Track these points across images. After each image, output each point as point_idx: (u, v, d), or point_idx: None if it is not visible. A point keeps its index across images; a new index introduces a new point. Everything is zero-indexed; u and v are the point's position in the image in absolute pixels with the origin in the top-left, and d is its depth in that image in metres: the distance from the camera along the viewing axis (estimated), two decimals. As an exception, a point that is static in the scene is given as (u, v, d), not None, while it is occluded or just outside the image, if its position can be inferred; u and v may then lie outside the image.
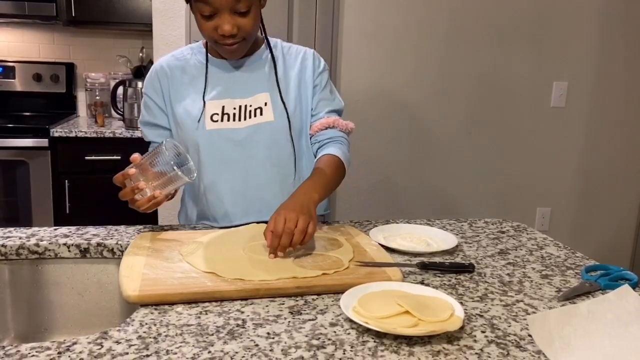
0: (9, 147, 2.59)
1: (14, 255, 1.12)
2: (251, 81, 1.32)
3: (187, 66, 1.34)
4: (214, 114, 1.29)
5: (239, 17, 1.19)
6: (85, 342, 0.76)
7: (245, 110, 1.30)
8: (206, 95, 1.30)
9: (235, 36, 1.21)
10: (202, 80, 1.31)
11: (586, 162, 2.96)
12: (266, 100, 1.31)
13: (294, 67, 1.36)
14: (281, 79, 1.33)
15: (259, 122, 1.30)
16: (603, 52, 2.84)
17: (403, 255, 1.16)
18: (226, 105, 1.30)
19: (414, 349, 0.78)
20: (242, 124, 1.29)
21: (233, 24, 1.18)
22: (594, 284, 1.02)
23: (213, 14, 1.18)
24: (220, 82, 1.32)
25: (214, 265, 0.99)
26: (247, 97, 1.31)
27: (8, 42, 3.09)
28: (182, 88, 1.32)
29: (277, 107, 1.31)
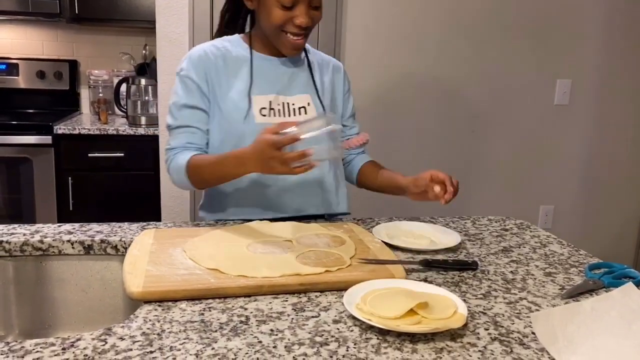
0: (12, 144, 2.59)
1: (18, 251, 1.12)
2: (293, 81, 1.36)
3: (229, 57, 1.33)
4: (262, 108, 1.31)
5: (313, 10, 1.26)
6: (89, 339, 0.77)
7: (289, 108, 1.34)
8: (251, 90, 1.31)
9: (307, 29, 1.27)
10: (247, 73, 1.32)
11: (590, 160, 2.96)
12: (308, 101, 1.37)
13: (326, 75, 1.43)
14: (317, 81, 1.40)
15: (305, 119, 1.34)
16: (607, 49, 2.83)
17: (406, 252, 1.16)
18: (272, 101, 1.32)
19: (417, 346, 0.78)
20: (289, 119, 1.33)
21: (310, 16, 1.24)
22: (597, 282, 1.01)
23: (293, 5, 1.22)
24: (264, 77, 1.33)
25: (218, 262, 0.99)
26: (289, 96, 1.35)
27: (11, 39, 3.10)
28: (226, 78, 1.32)
29: (318, 107, 1.38)
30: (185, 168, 1.25)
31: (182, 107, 1.31)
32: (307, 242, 1.14)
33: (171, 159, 1.30)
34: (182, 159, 1.26)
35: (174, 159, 1.29)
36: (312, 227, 1.24)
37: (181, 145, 1.30)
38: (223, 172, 1.21)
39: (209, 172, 1.24)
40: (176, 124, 1.32)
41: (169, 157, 1.31)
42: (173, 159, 1.29)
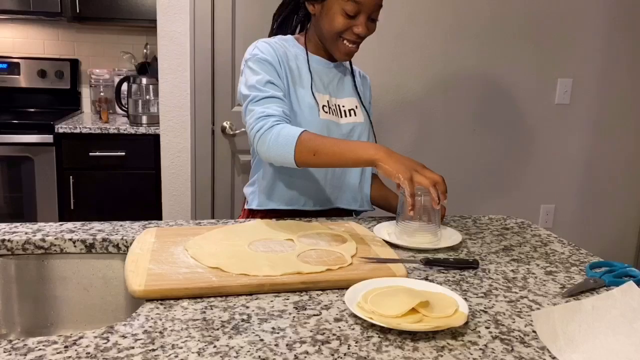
0: (13, 143, 2.60)
1: (20, 250, 1.13)
2: (341, 84, 1.45)
3: (289, 54, 1.38)
4: (323, 105, 1.37)
5: (371, 22, 1.33)
6: (91, 337, 0.77)
7: (341, 110, 1.42)
8: (312, 87, 1.36)
9: (363, 38, 1.34)
10: (306, 71, 1.38)
11: (590, 159, 2.96)
12: (356, 104, 1.46)
13: (359, 80, 1.52)
14: (358, 87, 1.49)
15: (355, 121, 1.43)
16: (608, 48, 2.83)
17: (407, 251, 1.16)
18: (329, 101, 1.39)
19: (419, 344, 0.78)
20: (342, 120, 1.41)
21: (367, 27, 1.32)
22: (598, 281, 1.02)
23: (355, 15, 1.29)
24: (319, 78, 1.40)
25: (219, 260, 1.00)
26: (340, 98, 1.43)
27: (13, 38, 3.10)
28: (289, 73, 1.35)
29: (363, 110, 1.47)
30: (297, 140, 1.18)
31: (266, 82, 1.29)
32: (308, 240, 1.14)
33: (270, 125, 1.22)
34: (293, 130, 1.20)
35: (276, 127, 1.21)
36: (314, 226, 1.24)
37: (279, 113, 1.25)
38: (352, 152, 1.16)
39: (330, 148, 1.17)
40: (265, 95, 1.27)
41: (266, 124, 1.22)
42: (274, 126, 1.22)
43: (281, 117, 1.25)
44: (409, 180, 1.08)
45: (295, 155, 1.18)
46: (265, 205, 1.42)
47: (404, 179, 1.09)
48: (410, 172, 1.10)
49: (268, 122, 1.22)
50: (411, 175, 1.09)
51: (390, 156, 1.13)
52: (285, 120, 1.25)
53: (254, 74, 1.30)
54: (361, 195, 1.48)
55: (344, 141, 1.22)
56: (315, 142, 1.18)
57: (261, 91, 1.27)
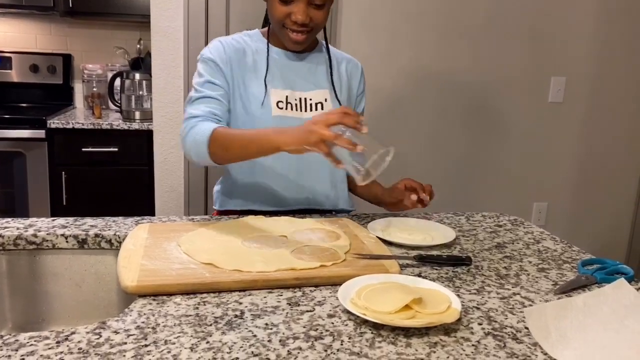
0: (5, 138, 2.58)
1: (12, 245, 1.12)
2: (311, 76, 1.37)
3: (248, 50, 1.35)
4: (279, 101, 1.32)
5: (314, 8, 1.25)
6: (83, 332, 0.77)
7: (306, 103, 1.35)
8: (268, 82, 1.32)
9: (306, 26, 1.26)
10: (264, 67, 1.33)
11: (583, 157, 2.97)
12: (326, 97, 1.37)
13: (344, 72, 1.44)
14: (335, 78, 1.40)
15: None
16: (601, 47, 2.84)
17: (401, 248, 1.17)
18: (289, 96, 1.33)
19: (411, 340, 0.78)
20: (306, 114, 1.34)
21: (307, 14, 1.24)
22: (590, 278, 1.02)
23: (290, 1, 1.23)
24: (281, 72, 1.34)
25: (212, 256, 0.99)
26: (307, 91, 1.36)
27: (5, 32, 3.08)
28: (246, 71, 1.33)
29: (335, 104, 1.38)
30: (209, 137, 1.16)
31: (205, 82, 1.29)
32: (301, 237, 1.14)
33: (191, 126, 1.22)
34: (207, 127, 1.19)
35: (195, 127, 1.21)
36: (307, 222, 1.24)
37: (204, 113, 1.24)
38: (255, 141, 1.12)
39: (238, 140, 1.16)
40: (198, 96, 1.28)
41: (189, 125, 1.23)
42: (194, 126, 1.21)
43: (205, 116, 1.23)
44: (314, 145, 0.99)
45: (210, 152, 1.17)
46: (225, 206, 1.41)
47: (311, 147, 1.00)
48: (310, 135, 1.00)
49: (190, 123, 1.23)
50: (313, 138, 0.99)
51: (287, 136, 1.05)
52: (210, 120, 1.23)
53: (197, 75, 1.31)
54: (335, 194, 1.43)
55: (252, 132, 1.16)
56: (226, 137, 1.16)
57: (197, 92, 1.28)
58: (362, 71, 1.50)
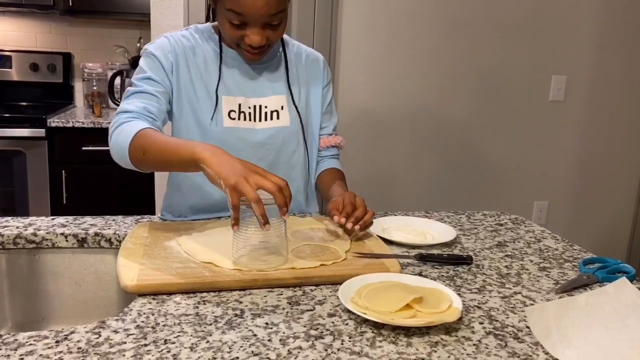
0: (5, 137, 2.58)
1: (11, 244, 1.11)
2: (267, 81, 1.29)
3: (199, 50, 1.25)
4: (231, 110, 1.24)
5: (270, 29, 1.15)
6: (83, 332, 0.76)
7: (261, 112, 1.27)
8: (219, 89, 1.24)
9: (263, 47, 1.18)
10: (215, 71, 1.24)
11: (584, 156, 2.97)
12: (282, 104, 1.29)
13: (302, 70, 1.35)
14: (292, 80, 1.31)
15: (276, 125, 1.28)
16: (602, 45, 2.84)
17: (401, 247, 1.16)
18: (242, 104, 1.25)
19: (412, 339, 0.78)
20: (259, 125, 1.26)
21: (263, 36, 1.15)
22: (591, 277, 1.02)
23: (243, 24, 1.13)
24: (234, 76, 1.26)
25: (212, 255, 0.99)
26: (262, 97, 1.27)
27: (5, 31, 3.07)
28: (194, 72, 1.24)
29: (292, 110, 1.30)
30: (135, 135, 1.07)
31: (144, 78, 1.20)
32: (302, 236, 1.14)
33: (121, 122, 1.12)
34: (137, 125, 1.09)
35: (125, 124, 1.11)
36: (307, 221, 1.24)
37: (137, 109, 1.14)
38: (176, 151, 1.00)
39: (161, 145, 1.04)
40: (135, 90, 1.19)
41: (119, 120, 1.13)
42: (124, 122, 1.11)
43: (138, 113, 1.14)
44: (231, 188, 0.89)
45: (130, 152, 1.08)
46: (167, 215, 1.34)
47: (226, 186, 0.90)
48: (236, 177, 0.90)
49: (122, 117, 1.13)
50: (236, 182, 0.89)
51: (215, 156, 0.94)
52: (142, 118, 1.14)
53: (138, 69, 1.23)
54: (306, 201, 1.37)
55: (175, 140, 1.06)
56: (148, 140, 1.05)
57: (135, 86, 1.19)
58: (323, 63, 1.39)
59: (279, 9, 1.11)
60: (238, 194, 0.90)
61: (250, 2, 1.08)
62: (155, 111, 1.18)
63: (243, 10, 1.09)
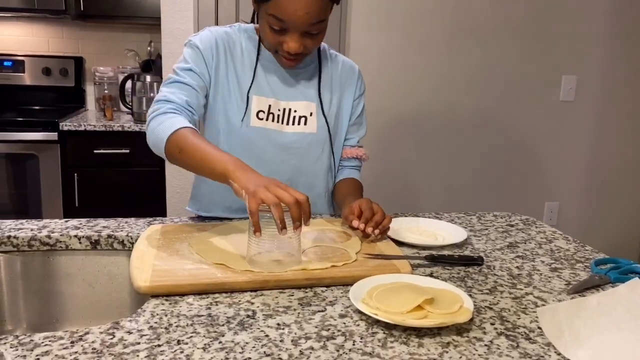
0: (18, 140, 2.61)
1: (26, 246, 1.13)
2: (299, 86, 1.30)
3: (238, 49, 1.27)
4: (260, 111, 1.26)
5: (308, 37, 1.16)
6: (97, 332, 0.77)
7: (290, 115, 1.28)
8: (251, 89, 1.26)
9: (300, 54, 1.19)
10: (250, 72, 1.26)
11: (595, 156, 2.95)
12: (312, 110, 1.30)
13: (338, 78, 1.36)
14: (324, 88, 1.32)
15: (303, 131, 1.29)
16: (612, 45, 2.82)
17: (412, 248, 1.16)
18: (272, 105, 1.27)
19: (424, 340, 0.78)
20: (286, 128, 1.28)
21: (301, 43, 1.16)
22: (603, 277, 1.01)
23: (283, 30, 1.14)
24: (268, 78, 1.28)
25: (224, 256, 1.00)
26: (292, 101, 1.29)
27: (17, 36, 3.11)
28: (230, 70, 1.26)
29: (320, 118, 1.31)
30: (175, 132, 1.09)
31: (188, 69, 1.23)
32: (312, 237, 1.14)
33: (163, 112, 1.15)
34: (179, 121, 1.12)
35: (166, 115, 1.14)
36: (318, 223, 1.24)
37: (180, 102, 1.18)
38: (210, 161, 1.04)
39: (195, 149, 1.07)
40: (179, 79, 1.22)
41: (160, 109, 1.15)
42: (166, 113, 1.14)
43: (181, 107, 1.17)
44: (251, 195, 0.93)
45: (166, 147, 1.10)
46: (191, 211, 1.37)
47: (246, 193, 0.95)
48: (257, 186, 0.94)
49: (164, 107, 1.16)
50: (256, 189, 0.94)
51: (245, 173, 0.99)
52: (185, 112, 1.17)
53: (182, 59, 1.25)
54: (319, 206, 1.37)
55: (210, 149, 1.06)
56: (186, 141, 1.08)
57: (178, 75, 1.22)
58: (358, 73, 1.40)
59: (319, 18, 1.13)
60: (257, 200, 0.93)
61: (292, 10, 1.09)
62: (195, 105, 1.21)
63: (284, 17, 1.11)
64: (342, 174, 1.42)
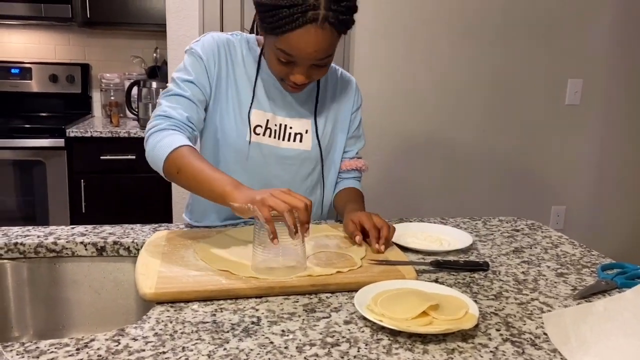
0: (26, 147, 2.62)
1: (33, 253, 1.14)
2: (296, 103, 1.29)
3: (239, 61, 1.26)
4: (257, 125, 1.25)
5: (316, 68, 1.15)
6: (102, 339, 0.77)
7: (285, 132, 1.28)
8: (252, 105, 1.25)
9: (306, 84, 1.19)
10: (249, 86, 1.25)
11: (601, 159, 2.94)
12: (307, 128, 1.30)
13: (334, 97, 1.35)
14: (320, 108, 1.32)
15: (298, 148, 1.29)
16: (618, 48, 2.81)
17: (417, 254, 1.16)
18: (270, 120, 1.26)
19: (429, 346, 0.78)
20: (282, 144, 1.28)
21: (307, 75, 1.15)
22: (610, 283, 1.01)
23: (290, 63, 1.13)
24: (267, 92, 1.27)
25: (229, 263, 1.00)
26: (288, 118, 1.28)
27: (25, 43, 3.13)
28: (230, 83, 1.25)
29: (314, 137, 1.30)
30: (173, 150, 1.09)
31: (188, 81, 1.21)
32: (317, 243, 1.14)
33: (161, 128, 1.14)
34: (177, 140, 1.11)
35: (165, 132, 1.13)
36: (323, 228, 1.24)
37: (182, 118, 1.17)
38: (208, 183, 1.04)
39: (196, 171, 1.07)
40: (180, 92, 1.20)
41: (159, 125, 1.15)
42: (165, 130, 1.14)
43: (182, 123, 1.17)
44: (260, 204, 0.94)
45: (165, 166, 1.11)
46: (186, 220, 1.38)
47: (254, 204, 0.95)
48: (262, 195, 0.95)
49: (163, 123, 1.15)
50: (263, 198, 0.94)
51: (237, 190, 0.99)
52: (185, 128, 1.17)
53: (183, 69, 1.23)
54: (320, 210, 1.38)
55: (208, 170, 1.06)
56: (184, 160, 1.08)
57: (180, 88, 1.20)
58: (356, 87, 1.40)
59: (327, 54, 1.12)
60: (268, 208, 0.93)
61: (303, 47, 1.08)
62: (195, 121, 1.20)
63: (293, 53, 1.09)
64: (342, 185, 1.41)
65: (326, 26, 1.06)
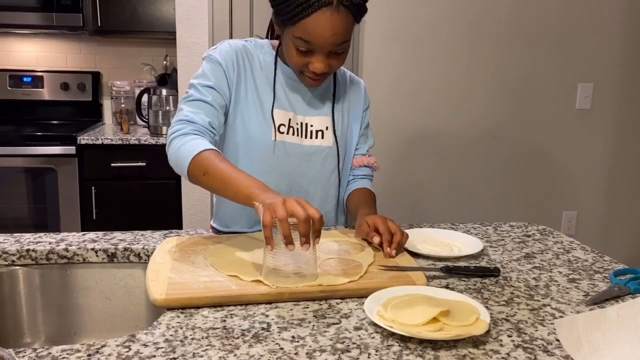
0: (37, 154, 2.65)
1: (44, 260, 1.14)
2: (315, 101, 1.32)
3: (257, 65, 1.29)
4: (281, 124, 1.27)
5: (334, 57, 1.18)
6: (113, 345, 0.78)
7: (307, 130, 1.31)
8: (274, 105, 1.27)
9: (325, 74, 1.21)
10: (269, 87, 1.28)
11: (613, 164, 2.91)
12: (327, 125, 1.32)
13: (346, 95, 1.39)
14: (337, 104, 1.35)
15: (321, 144, 1.32)
16: (628, 52, 2.79)
17: (427, 259, 1.16)
18: (292, 119, 1.29)
19: (439, 353, 0.77)
20: (305, 141, 1.30)
21: (327, 63, 1.17)
22: (623, 288, 1.00)
23: (310, 51, 1.16)
24: (286, 92, 1.30)
25: (239, 269, 1.00)
26: (310, 116, 1.31)
27: (37, 52, 3.17)
28: (250, 86, 1.27)
29: (333, 134, 1.33)
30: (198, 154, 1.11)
31: (208, 87, 1.23)
32: (327, 248, 1.14)
33: (184, 133, 1.16)
34: (201, 144, 1.12)
35: (189, 137, 1.15)
36: (332, 234, 1.24)
37: (202, 123, 1.19)
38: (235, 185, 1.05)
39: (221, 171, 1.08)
40: (201, 98, 1.22)
41: (182, 130, 1.16)
42: (188, 135, 1.15)
43: (204, 128, 1.18)
44: (266, 207, 0.94)
45: (189, 168, 1.11)
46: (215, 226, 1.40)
47: (263, 207, 0.95)
48: (274, 200, 0.95)
49: (186, 128, 1.17)
50: (271, 203, 0.94)
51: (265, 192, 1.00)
52: (207, 134, 1.18)
53: (202, 75, 1.25)
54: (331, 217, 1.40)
55: (234, 172, 1.07)
56: (210, 163, 1.09)
57: (200, 93, 1.22)
58: (365, 91, 1.44)
59: (344, 38, 1.15)
60: (270, 213, 0.93)
61: (320, 32, 1.11)
62: (216, 126, 1.22)
63: (311, 39, 1.12)
64: (354, 184, 1.42)
65: (341, 9, 1.10)
